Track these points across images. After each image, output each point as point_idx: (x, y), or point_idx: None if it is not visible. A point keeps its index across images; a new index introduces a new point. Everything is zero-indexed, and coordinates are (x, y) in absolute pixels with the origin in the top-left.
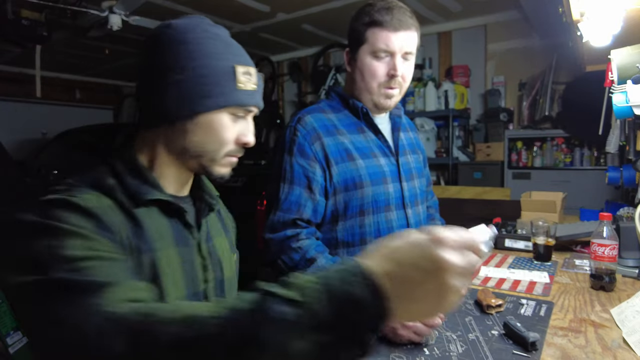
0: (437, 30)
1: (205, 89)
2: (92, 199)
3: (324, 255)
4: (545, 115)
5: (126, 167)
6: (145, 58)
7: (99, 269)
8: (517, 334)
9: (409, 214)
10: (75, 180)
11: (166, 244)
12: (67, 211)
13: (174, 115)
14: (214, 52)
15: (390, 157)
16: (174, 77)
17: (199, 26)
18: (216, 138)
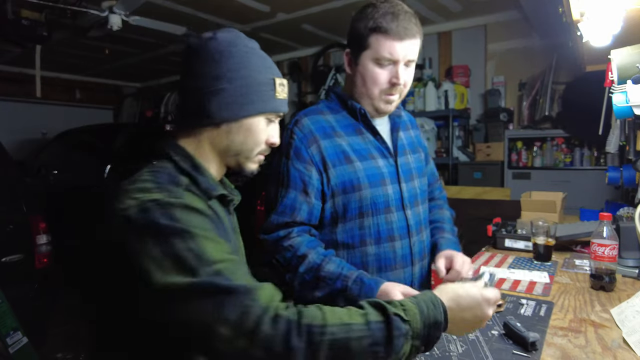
0: (437, 30)
1: (249, 97)
2: (193, 200)
3: (316, 251)
4: (545, 115)
5: (189, 165)
6: (193, 66)
7: (235, 270)
8: (517, 334)
9: (409, 215)
10: (155, 177)
11: (230, 232)
12: (188, 214)
13: (221, 118)
14: (256, 66)
15: (389, 159)
16: (222, 85)
17: (240, 41)
18: (253, 139)
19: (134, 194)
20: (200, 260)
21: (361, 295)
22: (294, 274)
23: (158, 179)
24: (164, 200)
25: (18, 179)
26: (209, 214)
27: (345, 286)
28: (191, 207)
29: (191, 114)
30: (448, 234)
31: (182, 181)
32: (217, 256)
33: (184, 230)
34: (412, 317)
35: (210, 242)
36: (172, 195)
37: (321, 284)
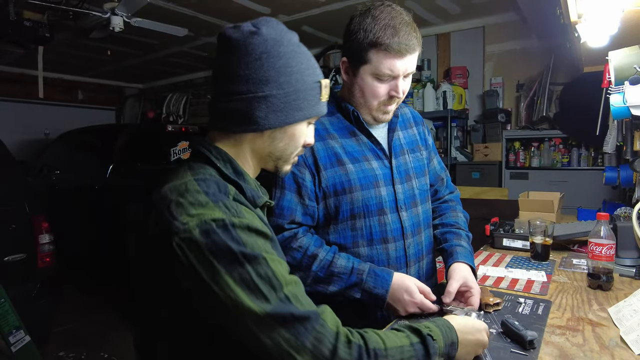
0: (435, 32)
1: (297, 103)
2: (253, 219)
3: (324, 249)
4: (542, 115)
5: (231, 172)
6: (236, 65)
7: (298, 292)
8: (515, 333)
9: (404, 216)
10: (206, 188)
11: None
12: (252, 236)
13: (267, 125)
14: (305, 68)
15: (384, 160)
16: (270, 91)
17: (286, 37)
18: (296, 144)
19: (190, 209)
20: (271, 286)
21: (377, 287)
22: (306, 272)
23: (209, 189)
24: (226, 220)
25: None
26: (266, 232)
27: (361, 279)
28: (253, 228)
29: (233, 118)
30: (464, 242)
31: (230, 190)
32: (283, 279)
33: (254, 256)
34: (438, 337)
35: (276, 265)
36: (233, 214)
37: (335, 279)
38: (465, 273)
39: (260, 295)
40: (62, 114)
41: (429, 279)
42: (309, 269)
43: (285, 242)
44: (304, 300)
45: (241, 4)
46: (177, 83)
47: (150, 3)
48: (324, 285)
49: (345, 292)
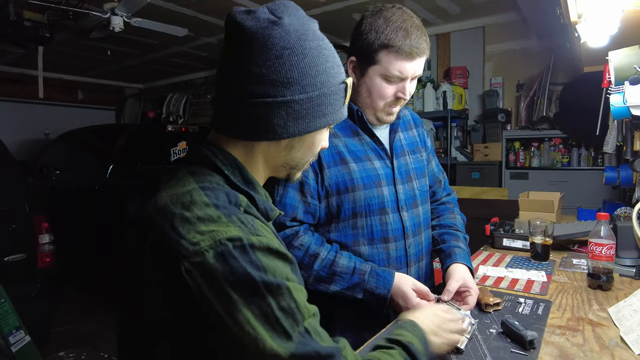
0: (435, 32)
1: (321, 108)
2: (271, 238)
3: (325, 247)
4: (542, 115)
5: (240, 181)
6: (250, 61)
7: (317, 325)
8: (515, 333)
9: (405, 217)
10: (215, 200)
11: None
12: (272, 259)
13: (286, 134)
14: (331, 66)
15: (386, 160)
16: (293, 95)
17: (310, 29)
18: (314, 151)
19: (200, 225)
20: (294, 320)
21: (379, 287)
22: (307, 271)
23: (219, 201)
24: (244, 241)
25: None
26: (286, 253)
27: (363, 279)
28: (274, 250)
29: (246, 125)
30: (462, 243)
31: (241, 201)
32: (306, 311)
33: (277, 285)
34: (416, 342)
35: (299, 294)
36: (251, 231)
37: (337, 279)
38: (464, 274)
39: (282, 333)
40: (62, 114)
41: (428, 279)
42: (310, 268)
43: (287, 240)
44: (323, 334)
45: (241, 3)
46: (177, 83)
47: (150, 3)
48: (325, 284)
49: (347, 292)
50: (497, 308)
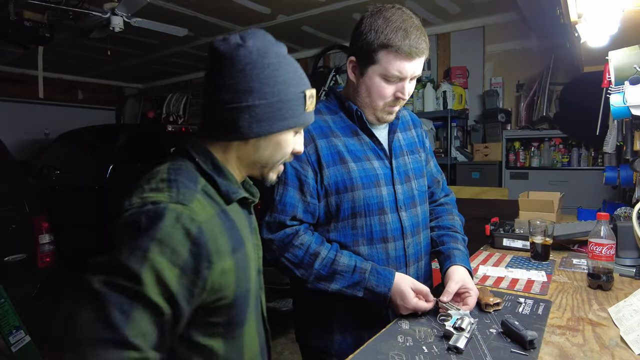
0: (435, 32)
1: (281, 113)
2: (200, 211)
3: (325, 247)
4: (542, 115)
5: (210, 167)
6: (220, 78)
7: (143, 321)
8: (515, 333)
9: (403, 217)
10: (174, 175)
11: (247, 234)
12: (174, 229)
13: (250, 134)
14: (288, 78)
15: (385, 160)
16: (254, 101)
17: (271, 49)
18: (281, 152)
19: (146, 192)
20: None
21: (379, 285)
22: (307, 270)
23: (175, 176)
24: (163, 204)
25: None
26: (197, 235)
27: (363, 278)
28: (183, 223)
29: (219, 126)
30: (461, 245)
31: (200, 181)
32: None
33: (145, 250)
34: None
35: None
36: (179, 198)
37: (337, 277)
38: (463, 276)
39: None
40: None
41: (427, 280)
42: (311, 266)
43: (287, 239)
44: (139, 328)
45: (241, 4)
46: (177, 83)
47: (150, 3)
48: (326, 283)
49: (348, 291)
50: (497, 308)
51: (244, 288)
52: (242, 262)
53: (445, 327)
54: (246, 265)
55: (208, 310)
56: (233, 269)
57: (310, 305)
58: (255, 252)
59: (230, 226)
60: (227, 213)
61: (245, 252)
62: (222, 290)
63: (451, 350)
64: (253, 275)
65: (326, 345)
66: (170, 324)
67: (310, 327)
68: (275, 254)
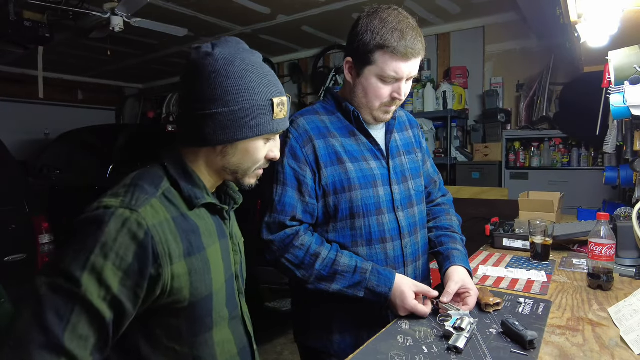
0: (435, 32)
1: (245, 120)
2: (150, 215)
3: (325, 247)
4: (542, 115)
5: (179, 172)
6: (188, 86)
7: (82, 325)
8: (515, 333)
9: (400, 217)
10: (137, 180)
11: (213, 240)
12: (119, 233)
13: (215, 141)
14: (253, 86)
15: (382, 161)
16: (217, 109)
17: (238, 57)
18: (251, 159)
19: (105, 197)
20: (70, 285)
21: (380, 285)
22: (308, 271)
23: (138, 181)
24: (111, 209)
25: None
26: (143, 238)
27: (364, 278)
28: (129, 227)
29: (188, 133)
30: (460, 245)
31: (163, 185)
32: (88, 295)
33: (88, 253)
34: None
35: (94, 281)
36: (130, 204)
37: (338, 277)
38: (463, 276)
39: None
40: (62, 114)
41: (425, 280)
42: (311, 267)
43: (287, 240)
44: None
45: (241, 4)
46: (177, 83)
47: (150, 3)
48: (326, 283)
49: (349, 291)
50: (497, 308)
51: (203, 292)
52: (199, 266)
53: (445, 327)
54: (206, 270)
55: (169, 311)
56: (186, 273)
57: (310, 305)
58: (230, 257)
59: (188, 230)
60: (187, 217)
61: (205, 257)
62: (176, 294)
63: (451, 350)
64: (219, 280)
65: (325, 346)
66: (113, 326)
67: (309, 327)
68: (276, 254)
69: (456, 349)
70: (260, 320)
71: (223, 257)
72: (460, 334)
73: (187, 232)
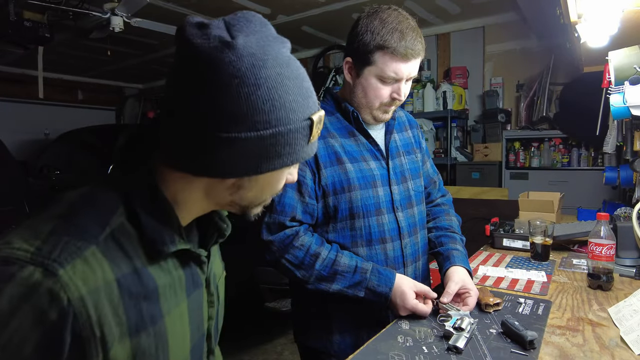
0: (435, 32)
1: (277, 149)
2: (78, 278)
3: (325, 247)
4: (542, 116)
5: (144, 201)
6: (191, 89)
7: None
8: (515, 333)
9: (400, 217)
10: (75, 207)
11: (178, 300)
12: (14, 313)
13: (230, 173)
14: (293, 100)
15: (381, 161)
16: (242, 133)
17: (270, 53)
18: (271, 191)
19: (13, 236)
20: None
21: (381, 285)
22: (308, 271)
23: (75, 211)
24: (12, 266)
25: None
26: (61, 324)
27: (365, 277)
28: (39, 307)
29: (186, 156)
30: (460, 245)
31: (112, 220)
32: None
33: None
34: None
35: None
36: (52, 256)
37: (338, 277)
38: (463, 276)
39: None
40: (62, 114)
41: (425, 280)
42: (311, 267)
43: (287, 240)
44: None
45: (241, 4)
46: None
47: (150, 3)
48: (327, 283)
49: (349, 291)
50: (497, 308)
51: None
52: (149, 344)
53: (445, 328)
54: (161, 346)
55: None
56: (130, 357)
57: (309, 305)
58: (202, 313)
59: (139, 295)
60: (141, 274)
61: (161, 330)
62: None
63: (451, 350)
64: (181, 354)
65: (325, 346)
66: None
67: (309, 327)
68: (276, 255)
69: (456, 349)
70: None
71: (191, 318)
72: (460, 334)
73: (138, 297)
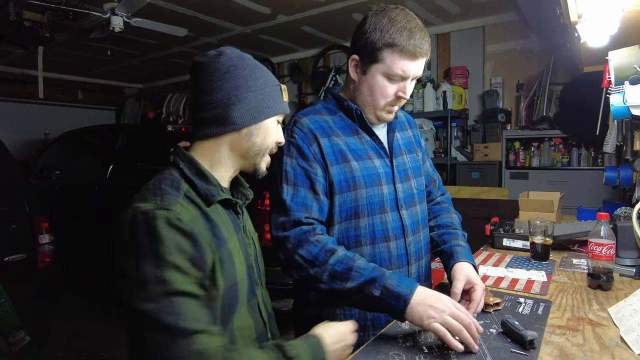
0: (435, 32)
1: (267, 101)
2: (183, 212)
3: (342, 248)
4: (542, 115)
5: (193, 172)
6: (208, 81)
7: (189, 309)
8: (515, 333)
9: (404, 215)
10: (158, 184)
11: (230, 233)
12: (170, 230)
13: (245, 122)
14: (265, 74)
15: (385, 159)
16: (242, 94)
17: (245, 56)
18: (270, 138)
19: (135, 203)
20: (161, 287)
21: (401, 285)
22: (321, 267)
23: (160, 185)
24: (151, 213)
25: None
26: (190, 230)
27: (383, 274)
28: (174, 224)
29: (213, 124)
30: (463, 241)
31: (182, 187)
32: (178, 286)
33: (157, 256)
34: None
35: (175, 272)
36: (163, 204)
37: (353, 274)
38: (467, 272)
39: (147, 295)
40: (62, 114)
41: (427, 279)
42: (325, 263)
43: (303, 236)
44: (190, 314)
45: (241, 4)
46: (177, 83)
47: (150, 3)
48: (340, 282)
49: (364, 289)
50: (497, 308)
51: (230, 281)
52: (226, 257)
53: None
54: (231, 261)
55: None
56: (219, 263)
57: (310, 306)
58: (244, 249)
59: (210, 225)
60: (207, 214)
61: (228, 249)
62: (216, 282)
63: (451, 350)
64: (240, 270)
65: None
66: (210, 302)
67: (310, 328)
68: (289, 252)
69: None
70: None
71: (241, 249)
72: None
73: (210, 227)
